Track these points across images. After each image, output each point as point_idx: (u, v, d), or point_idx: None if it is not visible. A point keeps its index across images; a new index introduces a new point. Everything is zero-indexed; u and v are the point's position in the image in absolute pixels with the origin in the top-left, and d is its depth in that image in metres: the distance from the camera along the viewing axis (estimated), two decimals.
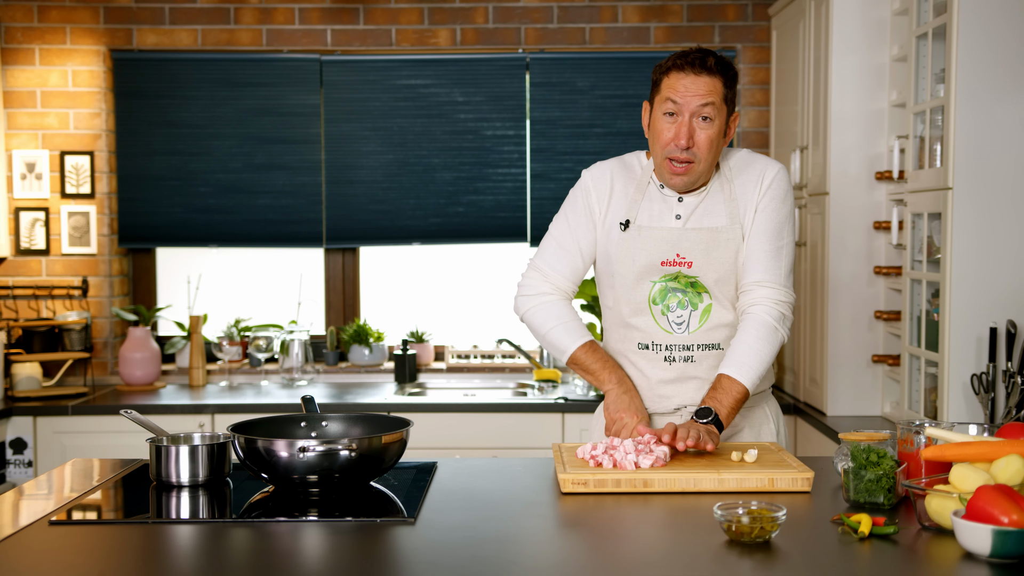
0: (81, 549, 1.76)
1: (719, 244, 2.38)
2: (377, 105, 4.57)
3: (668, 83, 2.34)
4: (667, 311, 2.40)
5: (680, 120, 2.32)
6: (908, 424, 2.05)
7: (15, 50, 4.47)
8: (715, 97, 2.32)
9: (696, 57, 2.33)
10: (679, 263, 2.38)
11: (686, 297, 2.39)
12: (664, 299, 2.40)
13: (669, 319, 2.40)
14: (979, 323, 2.91)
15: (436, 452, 3.86)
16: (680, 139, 2.31)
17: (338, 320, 4.78)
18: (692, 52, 2.34)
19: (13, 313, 4.48)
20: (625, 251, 2.41)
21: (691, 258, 2.38)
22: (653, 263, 2.39)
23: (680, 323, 2.40)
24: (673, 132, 2.33)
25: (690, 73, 2.31)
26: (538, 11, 4.52)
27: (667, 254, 2.38)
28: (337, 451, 1.99)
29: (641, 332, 2.42)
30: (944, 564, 1.65)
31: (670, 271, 2.39)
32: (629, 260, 2.40)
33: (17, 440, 3.99)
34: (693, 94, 2.31)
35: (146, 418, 2.25)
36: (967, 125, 2.87)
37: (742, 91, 4.53)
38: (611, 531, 1.83)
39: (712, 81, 2.32)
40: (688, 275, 2.38)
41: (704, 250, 2.37)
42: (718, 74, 2.32)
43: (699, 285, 2.39)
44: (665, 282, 2.39)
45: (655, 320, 2.40)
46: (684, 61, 2.32)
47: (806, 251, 3.91)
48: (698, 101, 2.31)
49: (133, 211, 4.59)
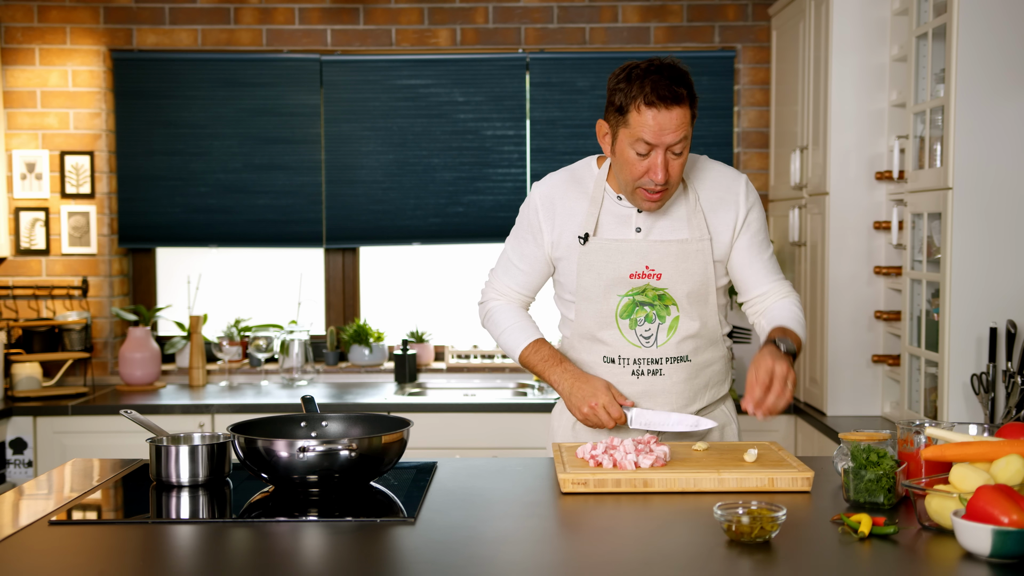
0: (81, 549, 1.76)
1: (688, 256, 2.35)
2: (377, 105, 4.57)
3: (639, 120, 2.20)
4: (635, 325, 2.37)
5: (654, 155, 2.23)
6: (908, 424, 2.05)
7: (15, 50, 4.47)
8: (686, 126, 2.22)
9: (666, 90, 2.18)
10: (648, 275, 2.35)
11: (653, 310, 2.36)
12: (632, 313, 2.36)
13: (637, 333, 2.37)
14: (979, 323, 2.91)
15: (436, 452, 3.86)
16: (656, 175, 2.23)
17: (338, 320, 4.78)
18: (660, 81, 2.18)
19: (13, 313, 4.48)
20: (588, 264, 2.37)
21: (660, 270, 2.35)
22: (621, 276, 2.35)
23: (648, 336, 2.37)
24: (646, 166, 2.24)
25: (662, 109, 2.18)
26: (538, 11, 4.52)
27: (635, 266, 2.35)
28: (337, 451, 1.99)
29: (607, 346, 2.39)
30: (944, 564, 1.65)
31: (638, 284, 2.35)
32: (594, 274, 2.36)
33: (17, 440, 3.99)
34: (668, 131, 2.20)
35: (146, 418, 2.25)
36: (967, 125, 2.87)
37: (742, 91, 4.54)
38: (611, 531, 1.83)
39: (683, 112, 2.20)
40: (656, 287, 2.35)
41: (674, 262, 2.35)
42: (686, 100, 2.21)
43: (667, 297, 2.36)
44: (632, 296, 2.36)
45: (622, 334, 2.38)
46: (655, 96, 2.18)
47: (806, 251, 3.91)
48: (672, 138, 2.21)
49: (133, 211, 4.59)
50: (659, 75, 2.20)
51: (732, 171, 2.44)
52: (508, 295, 2.52)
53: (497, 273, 2.55)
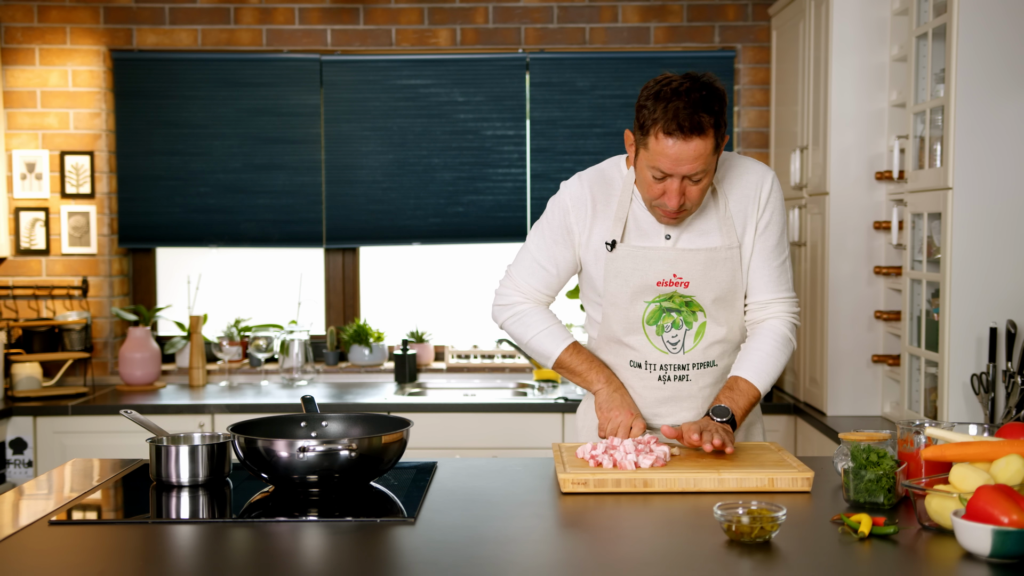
0: (81, 549, 1.76)
1: (717, 264, 2.32)
2: (377, 105, 4.57)
3: (656, 147, 2.14)
4: (662, 331, 2.35)
5: (670, 182, 2.18)
6: (908, 424, 2.05)
7: (15, 50, 4.47)
8: (705, 158, 2.14)
9: (687, 120, 2.10)
10: (676, 283, 2.32)
11: (680, 317, 2.34)
12: (659, 319, 2.34)
13: (664, 339, 2.35)
14: (979, 323, 2.91)
15: (436, 452, 3.86)
16: (671, 202, 2.19)
17: (338, 320, 4.78)
18: (683, 109, 2.10)
19: (13, 313, 4.48)
20: (615, 271, 2.33)
21: (688, 278, 2.32)
22: (648, 283, 2.32)
23: (675, 343, 2.35)
24: (661, 190, 2.20)
25: (679, 140, 2.11)
26: (538, 11, 4.52)
27: (663, 274, 2.32)
28: (337, 451, 1.99)
29: (634, 351, 2.38)
30: (944, 564, 1.65)
31: (665, 291, 2.33)
32: (621, 280, 2.33)
33: (17, 440, 3.99)
34: (684, 163, 2.14)
35: (146, 418, 2.25)
36: (967, 125, 2.87)
37: (742, 91, 4.54)
38: (611, 531, 1.83)
39: (703, 144, 2.12)
40: (684, 295, 2.33)
41: (702, 271, 2.31)
42: (709, 129, 2.12)
43: (694, 304, 2.34)
44: (660, 302, 2.33)
45: (649, 340, 2.36)
46: (675, 125, 2.10)
47: (806, 251, 3.91)
48: (688, 169, 2.15)
49: (133, 211, 4.58)
50: (687, 99, 2.11)
51: (760, 168, 2.38)
52: (533, 296, 2.47)
53: (520, 273, 2.47)
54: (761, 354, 2.34)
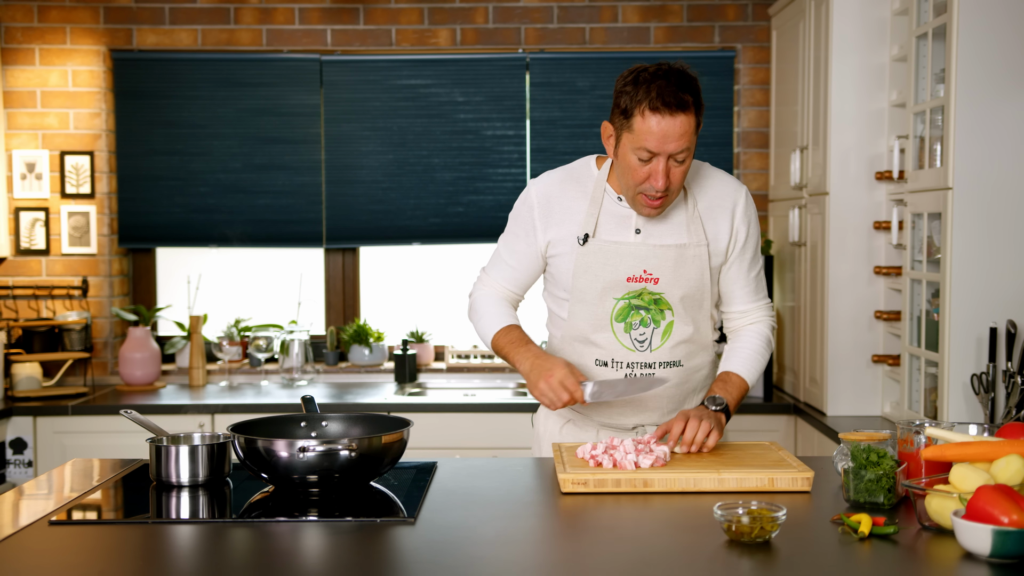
0: (81, 549, 1.76)
1: (686, 261, 2.35)
2: (377, 105, 4.57)
3: (642, 126, 2.19)
4: (630, 328, 2.36)
5: (656, 162, 2.21)
6: (908, 424, 2.05)
7: (15, 50, 4.47)
8: (690, 135, 2.20)
9: (671, 96, 2.16)
10: (646, 279, 2.34)
11: (649, 315, 2.35)
12: (627, 316, 2.35)
13: (632, 336, 2.36)
14: (979, 323, 2.91)
15: (436, 452, 3.86)
16: (658, 182, 2.22)
17: (338, 320, 4.78)
18: (667, 87, 2.16)
19: (13, 313, 4.48)
20: (585, 266, 2.35)
21: (658, 274, 2.34)
22: (618, 279, 2.34)
23: (643, 340, 2.36)
24: (647, 172, 2.23)
25: (666, 116, 2.16)
26: (538, 11, 4.52)
27: (634, 269, 2.34)
28: (337, 451, 1.99)
29: (600, 349, 2.38)
30: (944, 564, 1.65)
31: (635, 287, 2.34)
32: (591, 275, 2.35)
33: (17, 440, 3.99)
34: (671, 139, 2.18)
35: (146, 418, 2.25)
36: (967, 125, 2.87)
37: (742, 91, 4.54)
38: (611, 531, 1.83)
39: (687, 120, 2.18)
40: (653, 292, 2.35)
41: (672, 267, 2.34)
42: (692, 108, 2.18)
43: (663, 302, 2.35)
44: (629, 299, 2.35)
45: (616, 337, 2.36)
46: (660, 102, 2.16)
47: (806, 251, 3.91)
48: (675, 147, 2.19)
49: (133, 211, 4.59)
50: (666, 80, 2.18)
51: (733, 181, 2.43)
52: (502, 293, 2.51)
53: (488, 269, 2.55)
54: (749, 351, 2.44)
